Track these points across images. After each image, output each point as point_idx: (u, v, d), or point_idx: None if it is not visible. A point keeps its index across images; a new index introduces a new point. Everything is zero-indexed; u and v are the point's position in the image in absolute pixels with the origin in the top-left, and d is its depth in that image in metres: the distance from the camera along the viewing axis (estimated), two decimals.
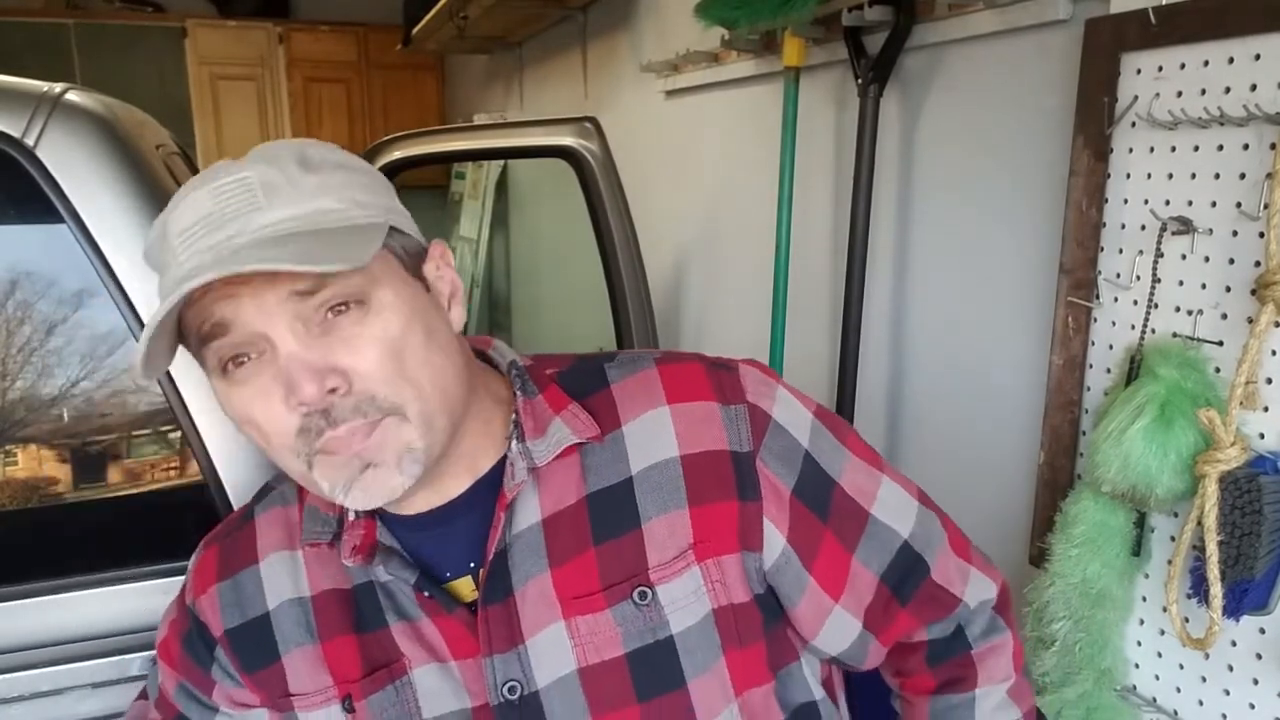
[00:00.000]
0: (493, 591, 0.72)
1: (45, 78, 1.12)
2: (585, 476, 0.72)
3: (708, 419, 0.72)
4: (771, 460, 0.73)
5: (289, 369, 0.63)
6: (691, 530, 0.71)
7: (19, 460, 1.08)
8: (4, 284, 1.06)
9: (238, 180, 0.65)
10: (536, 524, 0.72)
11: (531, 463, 0.72)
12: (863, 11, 1.51)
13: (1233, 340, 1.00)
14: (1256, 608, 0.98)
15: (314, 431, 0.64)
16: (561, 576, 0.71)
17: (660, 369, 0.75)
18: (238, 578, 0.79)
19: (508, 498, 0.71)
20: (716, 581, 0.72)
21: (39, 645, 1.07)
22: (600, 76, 3.02)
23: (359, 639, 0.75)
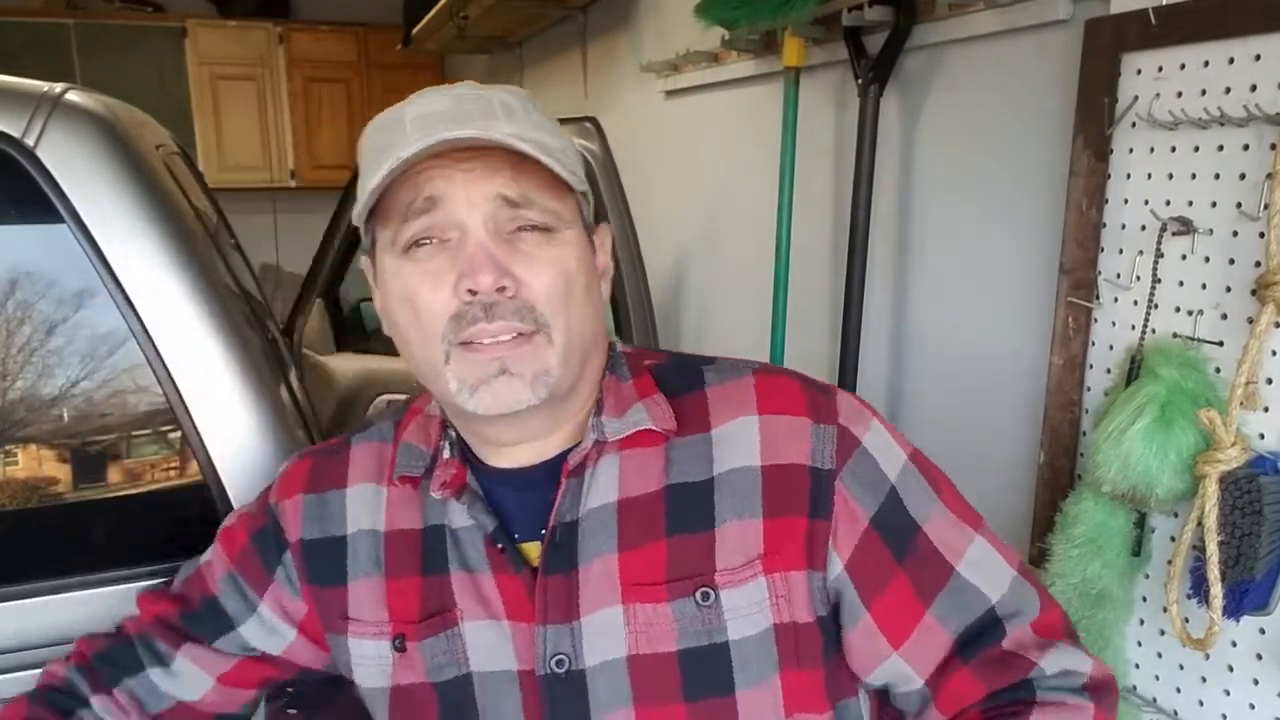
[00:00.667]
0: (555, 561, 0.72)
1: (45, 78, 1.12)
2: (668, 468, 0.73)
3: (795, 432, 0.72)
4: (852, 483, 0.72)
5: (475, 255, 0.66)
6: (763, 541, 0.71)
7: (19, 460, 1.08)
8: (4, 284, 1.06)
9: (477, 94, 0.70)
10: (612, 504, 0.72)
11: (602, 436, 0.73)
12: (863, 11, 1.51)
13: (1233, 340, 1.00)
14: (1256, 608, 0.98)
15: (468, 319, 0.67)
16: (628, 560, 0.71)
17: (757, 379, 0.76)
18: (325, 495, 0.81)
19: (570, 464, 0.73)
20: (781, 597, 0.71)
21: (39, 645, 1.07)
22: (600, 76, 3.02)
23: (422, 581, 0.76)
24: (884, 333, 1.69)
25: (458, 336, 0.68)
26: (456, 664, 0.74)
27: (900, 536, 0.72)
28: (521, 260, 0.68)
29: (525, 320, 0.68)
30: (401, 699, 0.76)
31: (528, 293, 0.68)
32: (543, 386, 0.69)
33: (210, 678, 0.84)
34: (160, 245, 1.07)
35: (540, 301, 0.68)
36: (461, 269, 0.67)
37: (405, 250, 0.69)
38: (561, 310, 0.69)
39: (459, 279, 0.67)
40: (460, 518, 0.75)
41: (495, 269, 0.66)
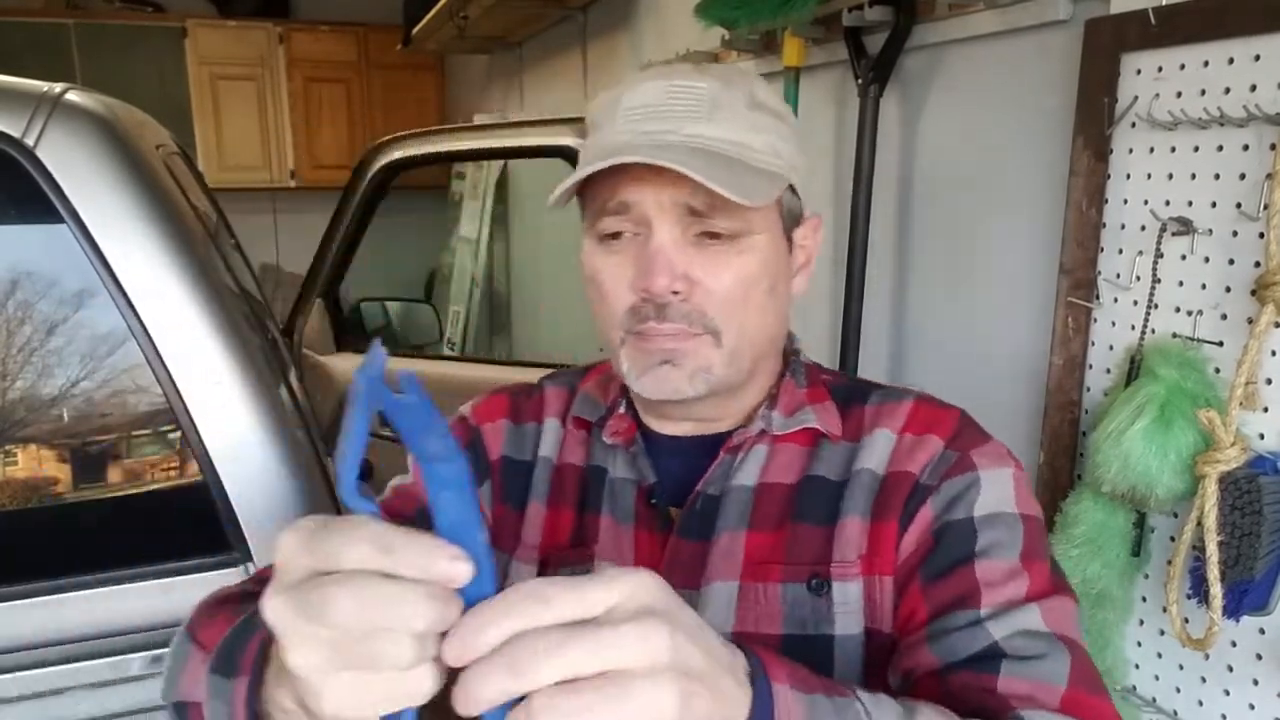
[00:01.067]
0: (691, 527, 0.75)
1: (45, 78, 1.12)
2: (810, 463, 0.76)
3: (922, 448, 0.73)
4: (937, 500, 0.71)
5: (654, 257, 0.69)
6: (866, 541, 0.72)
7: (19, 460, 1.08)
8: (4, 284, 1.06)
9: (691, 88, 0.71)
10: (753, 486, 0.75)
11: (769, 426, 0.77)
12: (863, 11, 1.51)
13: (1233, 340, 1.00)
14: (1256, 608, 0.98)
15: (641, 316, 0.71)
16: (753, 541, 0.73)
17: (915, 404, 0.78)
18: (523, 427, 0.86)
19: (734, 441, 0.76)
20: (873, 600, 0.71)
21: (39, 645, 1.07)
22: (600, 76, 3.02)
23: (574, 515, 0.80)
24: (884, 332, 1.69)
25: (632, 327, 0.72)
26: None
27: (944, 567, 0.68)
28: (702, 264, 0.70)
29: (695, 324, 0.71)
30: None
31: (702, 297, 0.71)
32: (702, 382, 0.72)
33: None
34: (160, 245, 1.07)
35: (713, 307, 0.71)
36: (641, 267, 0.70)
37: (601, 239, 0.73)
38: (735, 316, 0.72)
39: (637, 276, 0.70)
40: (619, 468, 0.80)
41: (670, 273, 0.69)
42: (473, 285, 4.08)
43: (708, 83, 0.71)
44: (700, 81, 0.71)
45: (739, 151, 0.70)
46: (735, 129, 0.71)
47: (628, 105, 0.72)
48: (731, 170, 0.68)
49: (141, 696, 1.10)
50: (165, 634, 1.10)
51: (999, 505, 0.71)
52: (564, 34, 3.26)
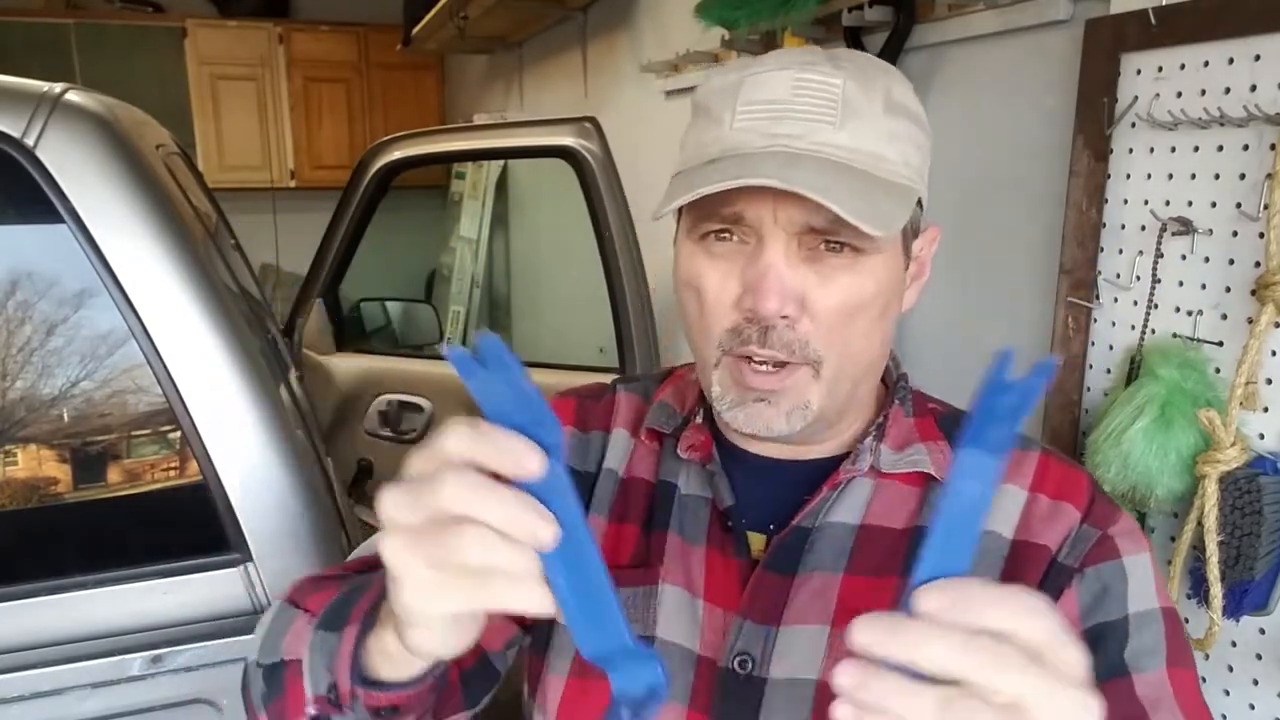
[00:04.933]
0: (780, 560, 0.69)
1: (45, 78, 1.12)
2: (921, 510, 0.69)
3: (1058, 518, 0.67)
4: (1085, 589, 0.65)
5: (765, 276, 0.63)
6: None
7: (19, 460, 1.08)
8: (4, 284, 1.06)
9: (826, 84, 0.63)
10: (854, 525, 0.69)
11: (876, 463, 0.70)
12: (863, 11, 1.51)
13: (1233, 341, 1.00)
14: (1256, 608, 0.98)
15: (742, 338, 0.65)
16: (851, 585, 0.68)
17: (1044, 458, 0.70)
18: (589, 434, 0.81)
19: (841, 477, 0.70)
20: None
21: (39, 645, 1.07)
22: (600, 76, 3.02)
23: (639, 532, 0.75)
24: None
25: (731, 349, 0.66)
26: (644, 622, 0.72)
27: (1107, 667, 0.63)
28: (815, 282, 0.64)
29: (796, 354, 0.64)
30: None
31: (808, 323, 0.64)
32: (799, 419, 0.66)
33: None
34: (160, 245, 1.07)
35: (818, 334, 0.65)
36: (749, 282, 0.64)
37: (702, 238, 0.67)
38: (839, 340, 0.65)
39: (744, 293, 0.64)
40: (691, 485, 0.74)
41: (781, 296, 0.63)
42: (473, 285, 4.08)
43: (842, 79, 0.63)
44: (834, 77, 0.63)
45: (873, 165, 0.63)
46: (870, 138, 0.63)
47: (749, 97, 0.64)
48: (865, 192, 0.61)
49: (142, 696, 1.10)
50: (165, 634, 1.10)
51: (1143, 594, 0.65)
52: (564, 34, 3.26)
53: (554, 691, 0.74)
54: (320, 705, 0.60)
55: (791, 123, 0.62)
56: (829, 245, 0.63)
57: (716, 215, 0.65)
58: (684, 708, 0.69)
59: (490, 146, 2.31)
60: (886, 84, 0.65)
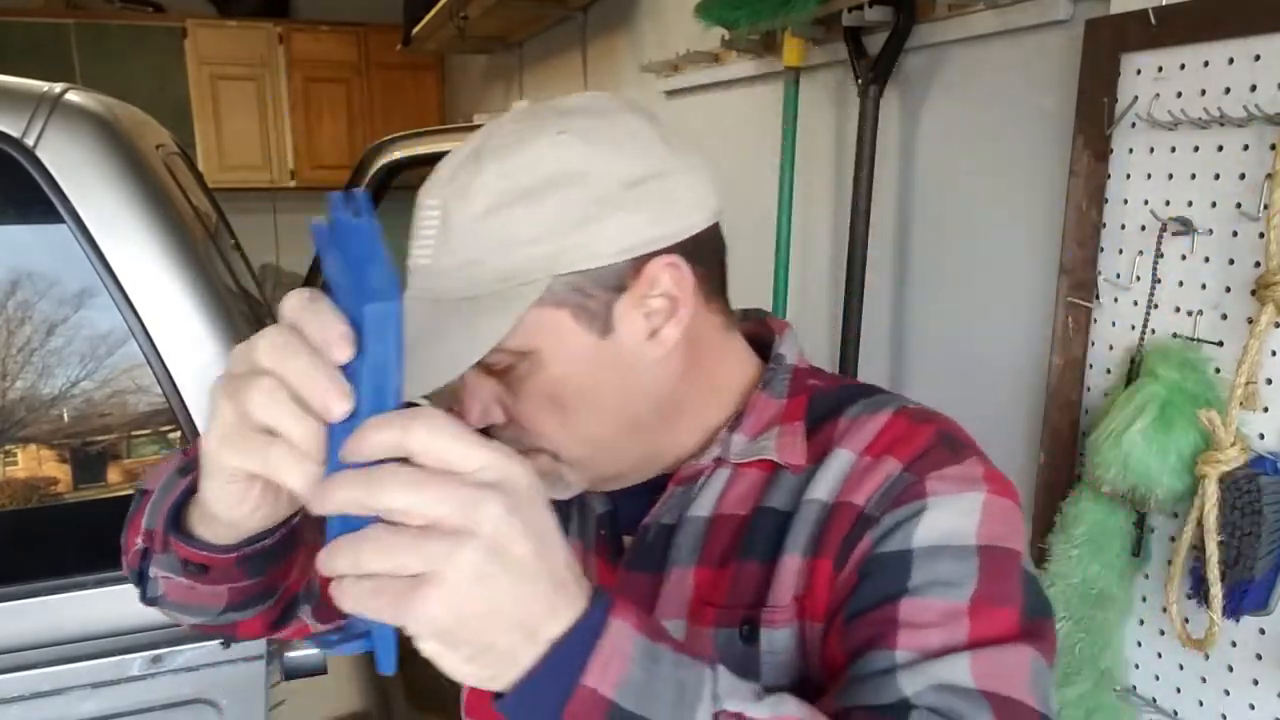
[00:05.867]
0: (641, 560, 0.70)
1: (45, 78, 1.12)
2: (766, 490, 0.68)
3: (876, 474, 0.64)
4: (878, 531, 0.62)
5: (461, 393, 0.66)
6: (804, 581, 0.64)
7: (19, 460, 1.08)
8: (4, 284, 1.06)
9: (427, 216, 0.63)
10: (708, 517, 0.69)
11: (727, 455, 0.69)
12: (863, 11, 1.51)
13: (1233, 341, 1.00)
14: (1256, 608, 0.98)
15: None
16: (701, 578, 0.68)
17: (893, 417, 0.67)
18: None
19: (683, 473, 0.69)
20: (807, 648, 0.64)
21: (39, 645, 1.07)
22: (600, 76, 3.02)
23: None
24: (884, 332, 1.69)
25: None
26: None
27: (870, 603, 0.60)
28: (506, 392, 0.65)
29: (525, 446, 0.65)
30: None
31: (514, 426, 0.65)
32: (563, 490, 0.68)
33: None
34: (160, 245, 1.07)
35: (530, 435, 0.65)
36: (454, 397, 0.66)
37: None
38: (557, 435, 0.65)
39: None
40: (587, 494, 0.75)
41: (475, 409, 0.65)
42: None
43: (441, 199, 0.61)
44: (433, 198, 0.62)
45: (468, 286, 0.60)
46: (468, 248, 0.60)
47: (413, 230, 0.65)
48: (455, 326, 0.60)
49: (141, 696, 1.10)
50: (165, 634, 1.10)
51: (949, 536, 0.60)
52: (564, 34, 3.26)
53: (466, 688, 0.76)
54: (146, 540, 0.64)
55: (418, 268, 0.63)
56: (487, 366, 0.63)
57: None
58: None
59: None
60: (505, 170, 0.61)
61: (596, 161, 0.61)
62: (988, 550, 0.60)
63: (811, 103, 1.82)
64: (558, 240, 0.60)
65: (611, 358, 0.64)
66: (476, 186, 0.61)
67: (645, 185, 0.62)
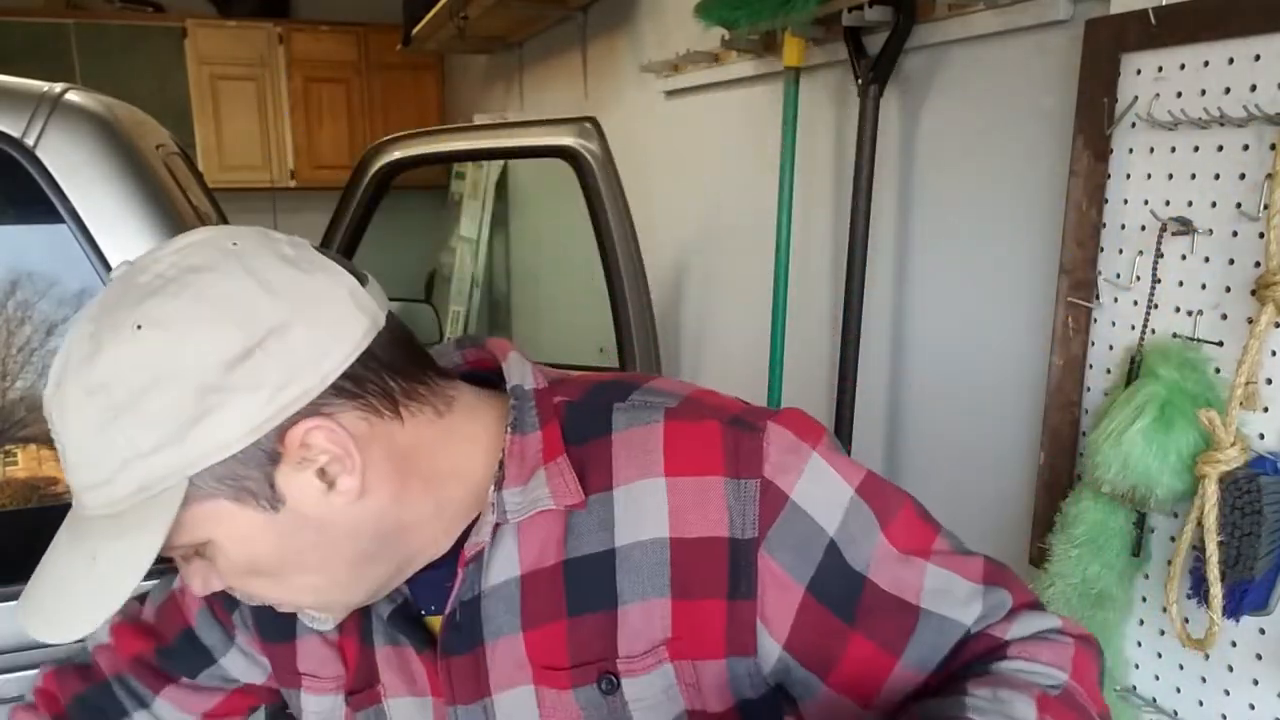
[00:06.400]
0: (455, 643, 0.68)
1: (45, 78, 1.12)
2: (566, 539, 0.65)
3: (708, 497, 0.62)
4: (779, 550, 0.62)
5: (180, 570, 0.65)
6: (671, 624, 0.63)
7: (19, 460, 1.08)
8: (4, 284, 1.06)
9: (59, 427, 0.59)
10: (515, 579, 0.66)
11: (504, 517, 0.65)
12: (863, 11, 1.51)
13: (1233, 341, 1.00)
14: (1256, 608, 0.98)
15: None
16: (533, 640, 0.66)
17: (668, 426, 0.64)
18: None
19: (467, 554, 0.65)
20: (689, 685, 0.65)
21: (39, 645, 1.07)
22: (600, 76, 3.02)
23: (358, 646, 0.74)
24: (884, 332, 1.69)
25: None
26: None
27: (846, 596, 0.63)
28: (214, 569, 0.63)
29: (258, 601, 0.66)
30: None
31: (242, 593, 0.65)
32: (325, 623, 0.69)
33: (198, 717, 0.83)
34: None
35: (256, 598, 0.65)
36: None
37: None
38: (281, 591, 0.64)
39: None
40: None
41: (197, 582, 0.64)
42: (473, 285, 4.08)
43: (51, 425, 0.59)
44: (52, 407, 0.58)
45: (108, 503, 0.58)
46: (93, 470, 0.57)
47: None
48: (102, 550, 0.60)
49: None
50: None
51: (831, 505, 0.63)
52: (564, 34, 3.26)
53: None
54: None
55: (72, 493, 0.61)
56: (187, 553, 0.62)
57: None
58: None
59: (490, 146, 2.31)
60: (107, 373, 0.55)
61: (185, 351, 0.55)
62: (858, 487, 0.64)
63: (811, 103, 1.82)
64: (179, 443, 0.55)
65: (295, 524, 0.60)
66: (70, 409, 0.56)
67: (252, 357, 0.55)
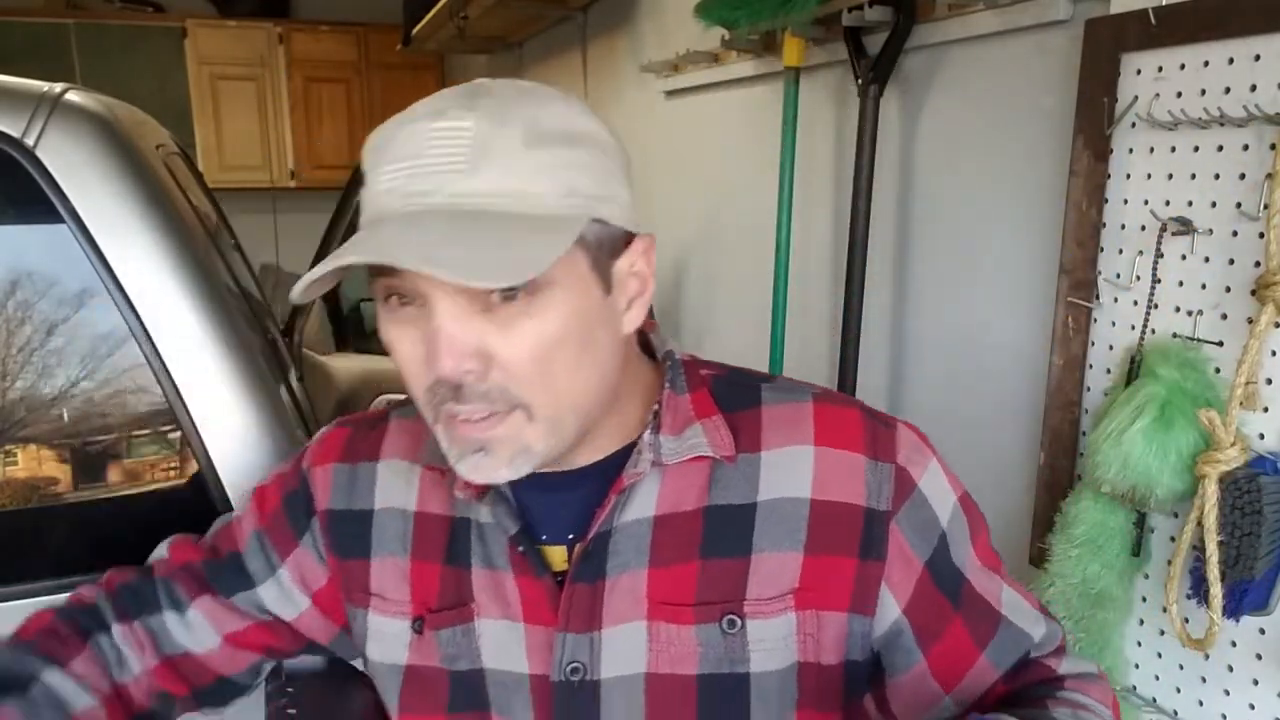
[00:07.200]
0: (585, 571, 0.71)
1: (45, 78, 1.12)
2: (710, 488, 0.71)
3: (850, 471, 0.70)
4: (907, 527, 0.70)
5: (435, 340, 0.61)
6: (800, 575, 0.69)
7: (19, 460, 1.08)
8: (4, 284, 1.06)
9: (455, 130, 0.60)
10: (648, 519, 0.70)
11: (659, 458, 0.70)
12: (863, 11, 1.51)
13: (1233, 341, 1.00)
14: (1256, 608, 0.98)
15: (439, 397, 0.63)
16: (657, 578, 0.70)
17: (816, 406, 0.72)
18: (357, 467, 0.80)
19: (625, 483, 0.70)
20: (809, 634, 0.70)
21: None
22: (600, 76, 3.02)
23: (443, 569, 0.76)
24: (884, 332, 1.69)
25: (437, 408, 0.64)
26: (470, 658, 0.74)
27: (953, 582, 0.72)
28: (496, 332, 0.61)
29: (498, 402, 0.62)
30: (415, 679, 0.77)
31: (500, 373, 0.62)
32: (524, 463, 0.65)
33: (218, 635, 0.83)
34: (160, 245, 1.07)
35: (515, 381, 0.62)
36: (427, 348, 0.62)
37: (387, 302, 0.64)
38: (542, 384, 0.63)
39: (428, 356, 0.62)
40: (485, 513, 0.74)
41: (455, 354, 0.60)
42: None
43: (474, 121, 0.60)
44: (465, 120, 0.60)
45: (516, 203, 0.60)
46: (509, 177, 0.60)
47: (392, 155, 0.62)
48: (500, 239, 0.58)
49: None
50: None
51: (945, 503, 0.73)
52: (564, 34, 3.26)
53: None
54: None
55: (424, 178, 0.60)
56: (502, 293, 0.60)
57: (382, 284, 0.63)
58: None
59: None
60: (532, 114, 0.62)
61: (604, 134, 0.66)
62: (960, 498, 0.75)
63: (811, 103, 1.82)
64: (596, 187, 0.64)
65: (605, 316, 0.66)
66: (512, 118, 0.61)
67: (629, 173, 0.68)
